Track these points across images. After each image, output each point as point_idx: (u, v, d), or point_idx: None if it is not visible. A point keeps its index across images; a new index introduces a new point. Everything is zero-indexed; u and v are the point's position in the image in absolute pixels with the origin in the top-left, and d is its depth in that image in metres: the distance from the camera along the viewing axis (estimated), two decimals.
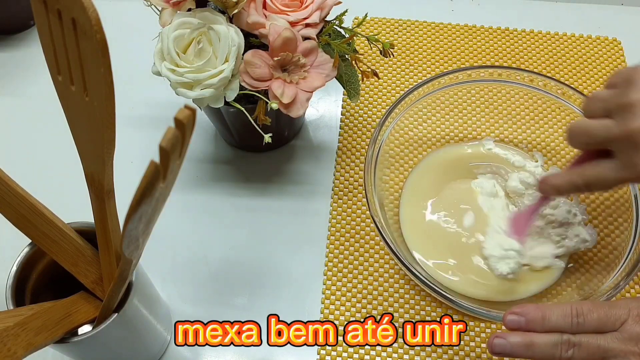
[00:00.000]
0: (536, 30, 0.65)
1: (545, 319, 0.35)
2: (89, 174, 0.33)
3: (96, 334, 0.34)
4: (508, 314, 0.36)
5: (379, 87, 0.60)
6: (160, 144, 0.23)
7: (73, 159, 0.33)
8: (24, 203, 0.34)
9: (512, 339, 0.35)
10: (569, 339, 0.34)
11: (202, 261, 0.49)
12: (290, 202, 0.53)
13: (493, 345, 0.36)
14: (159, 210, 0.27)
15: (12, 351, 0.30)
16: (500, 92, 0.51)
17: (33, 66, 0.61)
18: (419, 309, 0.47)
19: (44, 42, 0.29)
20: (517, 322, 0.35)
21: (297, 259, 0.50)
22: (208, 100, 0.42)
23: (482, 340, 0.46)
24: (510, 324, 0.36)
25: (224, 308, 0.47)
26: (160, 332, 0.44)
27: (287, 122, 0.53)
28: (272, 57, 0.42)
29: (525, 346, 0.35)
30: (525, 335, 0.35)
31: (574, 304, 0.35)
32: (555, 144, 0.52)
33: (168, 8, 0.43)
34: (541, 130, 0.52)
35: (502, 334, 0.35)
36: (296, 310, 0.47)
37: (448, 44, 0.63)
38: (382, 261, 0.49)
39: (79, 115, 0.30)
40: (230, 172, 0.54)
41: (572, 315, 0.35)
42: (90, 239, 0.37)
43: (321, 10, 0.44)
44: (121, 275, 0.32)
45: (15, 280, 0.36)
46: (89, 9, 0.26)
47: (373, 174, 0.45)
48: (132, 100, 0.58)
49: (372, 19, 0.65)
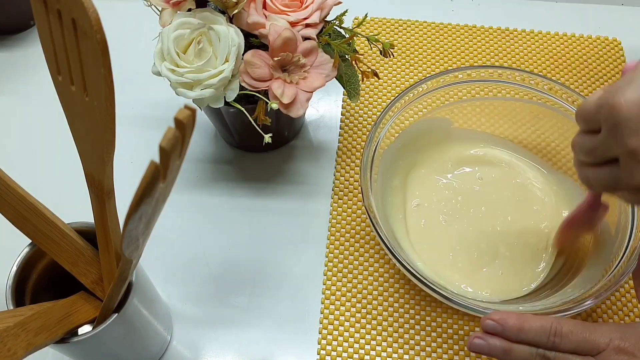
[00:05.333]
0: (536, 30, 0.65)
1: (523, 331, 0.35)
2: (89, 174, 0.33)
3: (96, 334, 0.34)
4: (487, 319, 0.36)
5: (379, 87, 0.60)
6: (160, 144, 0.22)
7: (73, 159, 0.33)
8: (24, 203, 0.34)
9: (491, 341, 0.36)
10: (544, 354, 0.35)
11: (202, 261, 0.49)
12: (290, 202, 0.53)
13: (472, 344, 0.36)
14: (159, 210, 0.27)
15: (12, 351, 0.30)
16: (501, 92, 0.51)
17: (33, 66, 0.61)
18: (419, 309, 0.47)
19: (44, 42, 0.29)
20: (494, 328, 0.36)
21: (297, 259, 0.50)
22: (208, 100, 0.42)
23: None
24: (487, 328, 0.36)
25: (224, 308, 0.47)
26: (160, 332, 0.44)
27: (287, 122, 0.53)
28: (272, 57, 0.42)
29: (503, 351, 0.35)
30: (504, 341, 0.36)
31: (555, 321, 0.35)
32: (555, 144, 0.52)
33: (168, 8, 0.43)
34: (541, 131, 0.52)
35: (483, 336, 0.36)
36: (296, 310, 0.47)
37: (448, 44, 0.63)
38: (382, 261, 0.49)
39: (79, 115, 0.30)
40: (230, 172, 0.54)
41: (550, 334, 0.35)
42: (90, 239, 0.37)
43: (321, 10, 0.44)
44: (121, 275, 0.32)
45: (15, 280, 0.36)
46: (89, 9, 0.26)
47: (369, 174, 0.45)
48: (132, 100, 0.58)
49: (372, 19, 0.65)
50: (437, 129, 0.53)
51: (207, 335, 0.46)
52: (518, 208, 0.50)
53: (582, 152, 0.34)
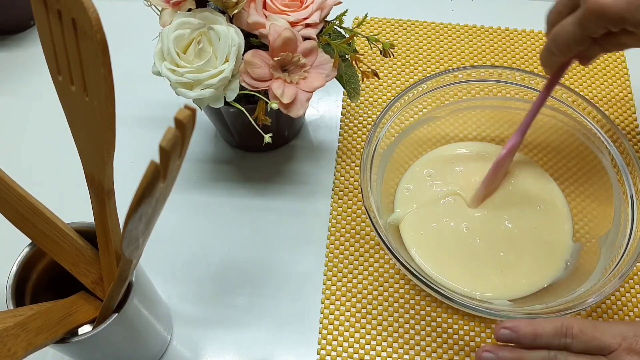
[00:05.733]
0: (536, 30, 0.65)
1: (537, 336, 0.35)
2: (89, 174, 0.33)
3: (96, 334, 0.34)
4: (500, 328, 0.36)
5: (379, 87, 0.60)
6: (160, 144, 0.23)
7: (73, 159, 0.33)
8: (24, 203, 0.34)
9: (501, 354, 0.36)
10: (556, 356, 0.34)
11: (202, 261, 0.49)
12: (290, 202, 0.53)
13: (481, 358, 0.36)
14: (159, 210, 0.27)
15: (12, 351, 0.30)
16: (501, 92, 0.51)
17: (33, 66, 0.61)
18: (419, 309, 0.47)
19: (44, 42, 0.29)
20: (509, 337, 0.36)
21: (297, 259, 0.50)
22: (208, 100, 0.42)
23: (482, 340, 0.46)
24: (502, 337, 0.36)
25: (224, 308, 0.47)
26: (160, 332, 0.44)
27: (287, 122, 0.53)
28: (272, 57, 0.42)
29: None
30: (514, 351, 0.35)
31: (566, 321, 0.35)
32: (555, 144, 0.52)
33: (168, 8, 0.43)
34: (541, 131, 0.52)
35: (491, 348, 0.36)
36: (296, 310, 0.47)
37: (448, 44, 0.63)
38: (382, 261, 0.49)
39: (79, 115, 0.30)
40: (230, 172, 0.54)
41: (560, 335, 0.35)
42: (90, 239, 0.37)
43: (321, 10, 0.44)
44: (121, 275, 0.32)
45: (15, 280, 0.36)
46: (89, 9, 0.26)
47: (369, 174, 0.45)
48: (132, 100, 0.58)
49: (372, 19, 0.65)
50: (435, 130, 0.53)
51: (207, 335, 0.46)
52: (519, 207, 0.50)
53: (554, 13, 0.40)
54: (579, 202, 0.50)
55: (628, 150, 0.46)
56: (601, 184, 0.48)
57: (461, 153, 0.54)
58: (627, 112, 0.58)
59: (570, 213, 0.50)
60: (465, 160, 0.53)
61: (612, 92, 0.60)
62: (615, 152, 0.47)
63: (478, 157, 0.53)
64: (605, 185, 0.48)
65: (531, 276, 0.47)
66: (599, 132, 0.48)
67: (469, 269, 0.47)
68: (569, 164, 0.51)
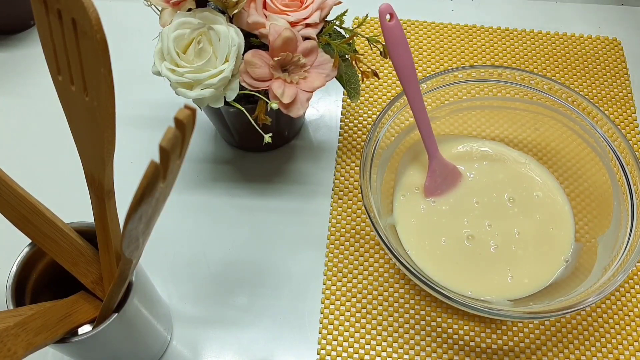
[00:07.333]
0: (536, 30, 0.65)
1: None
2: (89, 174, 0.33)
3: (96, 334, 0.34)
4: None
5: (379, 87, 0.60)
6: (160, 144, 0.23)
7: (73, 159, 0.33)
8: (24, 203, 0.34)
9: None
10: None
11: (202, 261, 0.49)
12: (290, 202, 0.53)
13: None
14: (159, 210, 0.27)
15: (12, 351, 0.30)
16: (501, 92, 0.51)
17: (33, 66, 0.61)
18: (419, 308, 0.47)
19: (44, 42, 0.29)
20: None
21: (297, 259, 0.50)
22: (208, 100, 0.42)
23: (482, 340, 0.46)
24: None
25: (224, 308, 0.47)
26: (160, 332, 0.44)
27: (287, 122, 0.53)
28: (272, 57, 0.42)
29: None
30: None
31: None
32: (555, 144, 0.52)
33: (168, 8, 0.43)
34: (541, 131, 0.52)
35: None
36: (296, 310, 0.47)
37: (448, 44, 0.63)
38: (382, 261, 0.49)
39: (79, 115, 0.30)
40: (230, 172, 0.54)
41: None
42: (90, 239, 0.37)
43: (321, 10, 0.44)
44: (121, 275, 0.32)
45: (15, 280, 0.36)
46: (89, 9, 0.26)
47: (369, 174, 0.45)
48: (132, 100, 0.58)
49: (373, 19, 0.65)
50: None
51: (207, 335, 0.46)
52: (520, 207, 0.50)
53: None
54: (578, 202, 0.50)
55: (628, 150, 0.46)
56: (601, 184, 0.48)
57: (461, 152, 0.54)
58: (627, 112, 0.59)
59: (572, 211, 0.50)
60: (465, 159, 0.53)
61: (612, 92, 0.60)
62: (615, 152, 0.47)
63: (478, 156, 0.53)
64: (605, 185, 0.48)
65: (532, 275, 0.47)
66: (599, 132, 0.48)
67: (469, 269, 0.47)
68: (569, 163, 0.51)
